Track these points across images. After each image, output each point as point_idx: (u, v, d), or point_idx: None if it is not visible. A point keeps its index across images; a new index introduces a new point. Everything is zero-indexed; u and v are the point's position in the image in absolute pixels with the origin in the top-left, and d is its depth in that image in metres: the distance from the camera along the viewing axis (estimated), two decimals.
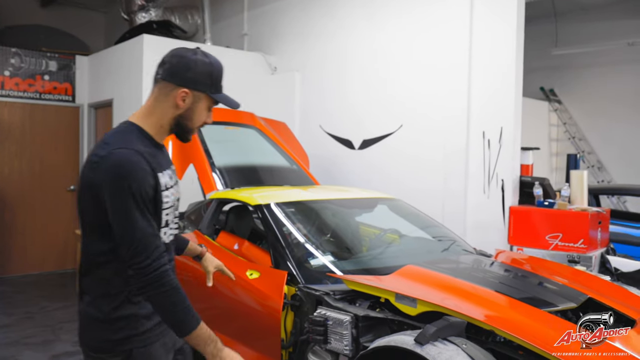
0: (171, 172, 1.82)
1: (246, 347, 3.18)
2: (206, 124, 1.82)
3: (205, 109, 1.79)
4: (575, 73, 9.14)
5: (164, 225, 1.73)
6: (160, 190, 1.69)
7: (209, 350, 1.66)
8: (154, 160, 1.68)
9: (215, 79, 1.79)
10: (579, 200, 4.47)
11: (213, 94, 1.78)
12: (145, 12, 6.95)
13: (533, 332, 2.22)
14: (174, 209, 1.79)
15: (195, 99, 1.76)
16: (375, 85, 5.62)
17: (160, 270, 1.61)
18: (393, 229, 3.93)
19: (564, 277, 3.05)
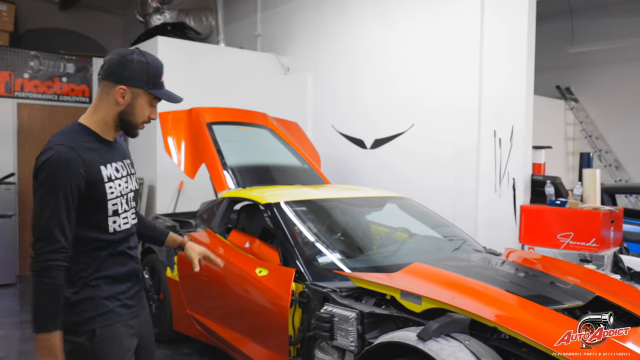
0: (122, 165, 1.90)
1: (256, 343, 3.23)
2: (151, 119, 1.91)
3: (146, 104, 1.88)
4: (591, 71, 9.04)
5: (111, 215, 1.82)
6: (101, 182, 1.79)
7: (43, 348, 1.67)
8: (94, 154, 1.79)
9: (153, 76, 1.87)
10: (592, 199, 4.44)
11: (150, 89, 1.86)
12: (160, 15, 7.04)
13: (537, 330, 2.23)
14: (125, 199, 1.88)
15: (134, 95, 1.85)
16: (387, 85, 5.64)
17: (47, 264, 1.67)
18: (403, 228, 3.94)
19: (574, 277, 3.04)
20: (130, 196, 1.92)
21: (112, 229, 1.84)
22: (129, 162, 1.98)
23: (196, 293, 3.87)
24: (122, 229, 1.87)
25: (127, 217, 1.90)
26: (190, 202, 5.72)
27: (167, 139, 4.70)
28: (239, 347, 3.37)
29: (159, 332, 4.40)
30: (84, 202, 1.76)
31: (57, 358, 1.68)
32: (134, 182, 1.96)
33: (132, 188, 1.94)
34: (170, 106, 5.30)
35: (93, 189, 1.77)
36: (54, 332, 1.68)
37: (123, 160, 1.93)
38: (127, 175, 1.91)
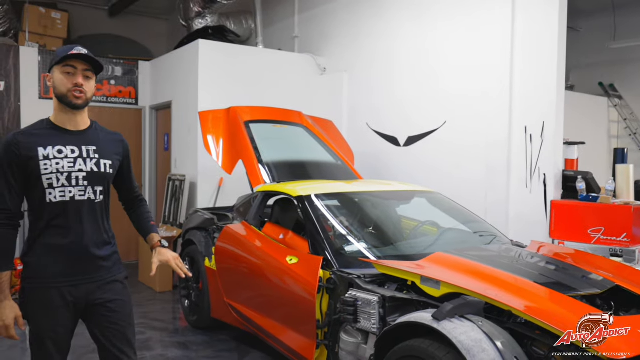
0: (76, 149, 2.20)
1: (287, 328, 3.41)
2: (76, 85, 2.16)
3: (61, 75, 2.17)
4: (635, 67, 8.82)
5: (47, 187, 2.14)
6: (34, 158, 2.12)
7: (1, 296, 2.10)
8: (35, 138, 2.16)
9: (58, 55, 2.18)
10: (625, 194, 4.41)
11: (58, 63, 2.17)
12: (201, 19, 7.34)
13: (551, 314, 2.31)
14: (66, 177, 2.16)
15: (52, 75, 2.20)
16: (420, 83, 5.73)
17: None
18: (431, 221, 4.04)
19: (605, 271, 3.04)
20: (77, 175, 2.18)
21: (48, 199, 2.15)
22: (95, 149, 2.25)
23: (233, 282, 4.08)
24: (58, 201, 2.15)
25: (64, 191, 2.16)
26: (229, 198, 5.96)
27: (206, 137, 4.95)
28: (273, 333, 3.56)
29: (198, 319, 4.64)
30: (26, 175, 2.14)
31: (2, 291, 2.11)
32: (91, 164, 2.22)
33: (85, 169, 2.20)
34: (211, 106, 5.55)
35: (28, 164, 2.13)
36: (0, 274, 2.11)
37: (82, 146, 2.22)
38: (78, 157, 2.20)
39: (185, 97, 6.44)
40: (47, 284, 2.16)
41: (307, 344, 3.16)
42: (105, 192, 2.28)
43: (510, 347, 2.17)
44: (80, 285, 2.20)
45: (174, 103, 6.77)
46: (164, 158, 7.29)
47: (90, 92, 2.22)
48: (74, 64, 2.17)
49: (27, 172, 2.14)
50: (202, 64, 6.15)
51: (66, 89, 2.16)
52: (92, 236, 2.22)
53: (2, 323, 2.11)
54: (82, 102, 2.19)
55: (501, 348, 2.13)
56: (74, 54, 2.16)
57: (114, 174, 2.33)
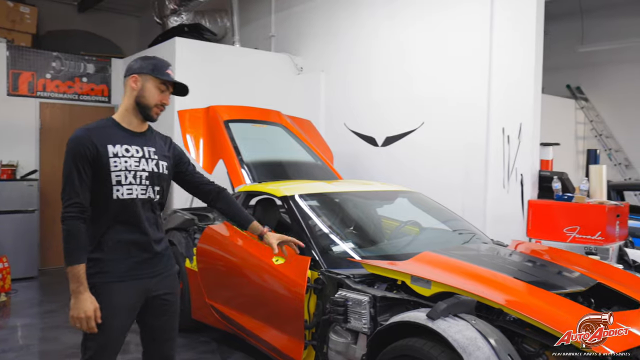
0: (139, 149, 2.27)
1: (273, 329, 3.39)
2: (164, 103, 2.30)
3: (155, 88, 2.26)
4: (602, 70, 9.10)
5: (115, 184, 2.20)
6: (105, 155, 2.18)
7: (72, 287, 2.12)
8: (105, 136, 2.21)
9: (158, 67, 2.29)
10: (598, 194, 4.54)
11: (157, 74, 2.26)
12: (177, 16, 7.24)
13: (540, 312, 2.36)
14: (133, 175, 2.23)
15: (144, 80, 2.26)
16: (398, 84, 5.78)
17: (64, 215, 2.14)
18: (413, 221, 4.08)
19: (580, 267, 3.15)
20: (141, 174, 2.26)
21: (115, 195, 2.20)
22: (155, 150, 2.33)
23: (215, 283, 4.04)
24: (126, 198, 2.22)
25: (131, 189, 2.23)
26: None
27: (185, 136, 4.88)
28: (257, 333, 3.54)
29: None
30: (95, 171, 2.18)
31: (81, 283, 2.11)
32: (152, 165, 2.30)
33: (147, 169, 2.28)
34: (189, 105, 5.48)
35: (99, 160, 2.18)
36: (76, 266, 2.11)
37: (144, 147, 2.30)
38: (142, 157, 2.28)
39: None
40: (118, 279, 2.20)
41: (294, 345, 3.15)
42: (162, 192, 2.36)
43: (503, 344, 2.21)
44: (145, 279, 2.28)
45: None
46: None
47: None
48: (168, 85, 2.30)
49: (96, 167, 2.18)
50: (179, 62, 6.06)
51: (154, 103, 2.27)
52: (152, 233, 2.30)
53: (84, 315, 2.11)
54: (157, 119, 2.33)
55: (495, 346, 2.17)
56: (173, 80, 2.29)
57: (170, 175, 2.41)
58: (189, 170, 2.54)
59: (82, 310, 2.10)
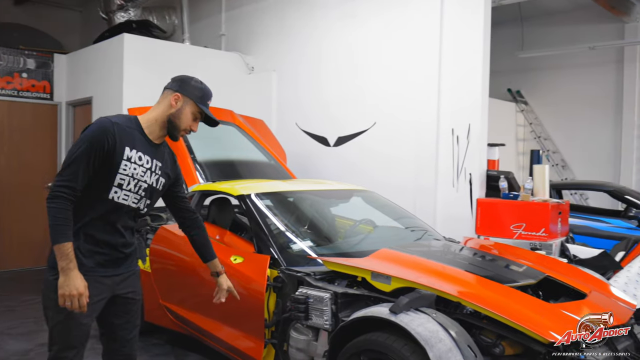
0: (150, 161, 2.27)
1: (232, 328, 3.36)
2: (192, 130, 2.34)
3: (191, 114, 2.30)
4: (540, 75, 9.54)
5: (116, 185, 2.18)
6: (120, 155, 2.15)
7: (61, 265, 2.06)
8: (127, 136, 2.19)
9: (204, 96, 2.34)
10: (541, 193, 4.77)
11: (199, 103, 2.30)
12: (124, 12, 7.04)
13: (495, 304, 2.46)
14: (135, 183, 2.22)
15: (185, 102, 2.30)
16: (350, 84, 5.85)
17: (54, 193, 2.08)
18: (367, 220, 4.14)
19: (524, 259, 3.31)
20: (141, 185, 2.26)
21: (111, 196, 2.19)
22: (161, 165, 2.33)
23: (170, 284, 3.96)
24: (120, 202, 2.21)
25: (128, 195, 2.23)
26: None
27: None
28: (214, 333, 3.49)
29: None
30: (103, 165, 2.13)
31: (70, 260, 2.07)
32: (153, 179, 2.30)
33: (148, 182, 2.28)
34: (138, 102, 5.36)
35: (112, 157, 2.14)
36: (64, 243, 2.06)
37: (154, 160, 2.29)
38: (149, 169, 2.27)
39: (109, 93, 6.14)
40: (85, 273, 2.14)
41: (254, 344, 3.14)
42: (150, 205, 2.37)
43: (463, 336, 2.29)
44: (110, 277, 2.26)
45: (95, 99, 6.44)
46: None
47: None
48: (203, 114, 2.33)
49: (106, 163, 2.15)
50: (127, 59, 5.90)
51: (184, 127, 2.30)
52: (128, 237, 2.32)
53: (76, 291, 2.06)
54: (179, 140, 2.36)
55: (456, 337, 2.24)
56: (211, 118, 2.34)
57: (162, 192, 2.42)
58: (180, 193, 2.54)
59: (73, 287, 2.05)
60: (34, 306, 5.29)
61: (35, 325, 4.71)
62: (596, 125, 8.92)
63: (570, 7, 8.75)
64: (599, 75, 8.87)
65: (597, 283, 3.12)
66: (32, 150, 6.98)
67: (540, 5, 8.56)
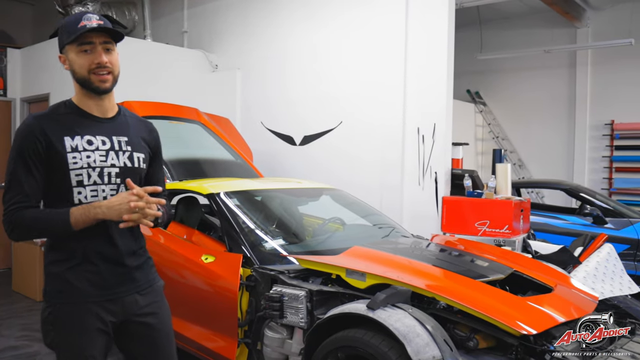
0: (107, 140, 1.90)
1: (203, 328, 3.31)
2: (100, 64, 1.84)
3: (77, 54, 1.85)
4: (498, 77, 9.82)
5: (75, 185, 1.83)
6: (61, 150, 1.81)
7: (92, 215, 1.78)
8: (60, 125, 1.84)
9: (68, 28, 1.85)
10: (504, 191, 4.89)
11: (72, 36, 1.82)
12: (82, 6, 6.82)
13: (469, 298, 2.51)
14: (98, 172, 1.86)
15: (66, 55, 1.88)
16: (315, 83, 5.86)
17: (7, 217, 1.79)
18: (336, 218, 4.16)
19: (491, 255, 3.40)
20: (109, 171, 1.88)
21: (77, 199, 1.83)
22: (127, 139, 1.95)
23: None
24: (90, 202, 1.84)
25: (96, 190, 1.86)
26: None
27: None
28: (184, 334, 3.42)
29: None
30: (49, 170, 1.82)
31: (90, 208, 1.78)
32: (124, 158, 1.92)
33: (117, 164, 1.90)
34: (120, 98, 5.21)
35: (54, 157, 1.81)
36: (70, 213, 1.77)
37: (112, 136, 1.92)
38: (110, 150, 1.89)
39: (67, 90, 5.89)
40: (79, 301, 1.84)
41: (227, 344, 3.10)
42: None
43: (439, 330, 2.33)
44: (117, 299, 1.90)
45: (52, 95, 6.23)
46: None
47: (116, 68, 1.90)
48: (91, 39, 1.83)
49: (51, 165, 1.81)
50: None
51: (87, 71, 1.84)
52: (123, 244, 1.92)
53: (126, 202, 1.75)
54: (110, 85, 1.88)
55: (432, 332, 2.28)
56: (88, 29, 1.80)
57: (146, 169, 2.01)
58: (155, 170, 2.10)
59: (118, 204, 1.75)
60: None
61: None
62: (551, 126, 9.24)
63: (526, 11, 9.03)
64: (553, 77, 9.20)
65: (560, 277, 3.22)
66: None
67: (499, 9, 8.80)
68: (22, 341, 4.25)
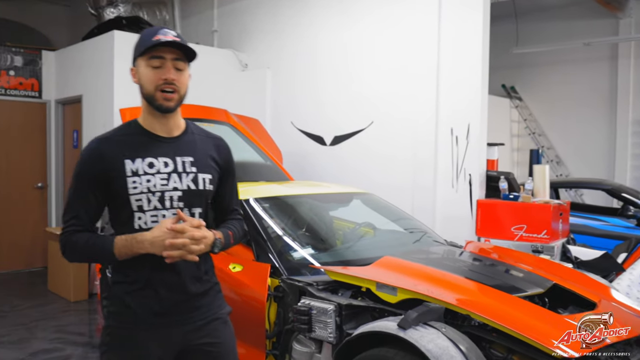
0: (170, 161, 1.82)
1: None
2: (167, 80, 1.77)
3: (146, 69, 1.79)
4: (535, 71, 9.50)
5: (136, 210, 1.77)
6: (121, 173, 1.76)
7: (135, 250, 1.73)
8: (121, 148, 1.79)
9: (142, 42, 1.81)
10: (542, 193, 4.71)
11: (143, 49, 1.78)
12: (113, 8, 6.88)
13: (505, 316, 2.39)
14: (158, 197, 1.78)
15: (138, 68, 1.83)
16: (346, 82, 5.76)
17: (65, 236, 1.77)
18: (367, 223, 4.07)
19: (528, 265, 3.25)
20: (171, 195, 1.80)
21: (137, 225, 1.77)
22: (192, 160, 1.85)
23: None
24: (150, 227, 1.76)
25: (157, 215, 1.78)
26: None
27: None
28: None
29: None
30: (109, 194, 1.79)
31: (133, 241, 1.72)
32: (187, 180, 1.82)
33: (180, 187, 1.81)
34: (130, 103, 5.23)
35: (114, 181, 1.77)
36: (114, 244, 1.73)
37: (176, 157, 1.83)
38: (171, 172, 1.81)
39: (100, 91, 6.01)
40: (142, 325, 1.79)
41: (255, 355, 3.04)
42: (204, 214, 1.87)
43: (474, 351, 2.22)
44: (176, 327, 1.82)
45: (84, 97, 6.30)
46: (72, 156, 6.77)
47: (184, 88, 1.83)
48: (162, 54, 1.77)
49: (111, 189, 1.76)
50: (118, 56, 5.77)
51: (155, 87, 1.78)
52: (187, 270, 1.82)
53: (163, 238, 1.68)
54: (173, 104, 1.80)
55: (467, 353, 2.17)
56: (161, 42, 1.74)
57: (214, 190, 1.90)
58: (226, 190, 1.98)
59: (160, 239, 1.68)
60: (25, 312, 5.18)
61: (26, 332, 4.60)
62: (590, 122, 8.90)
63: (565, 2, 8.70)
64: (594, 71, 8.85)
65: (603, 290, 3.06)
66: (20, 150, 6.84)
67: (535, 1, 8.50)
68: (55, 344, 4.30)
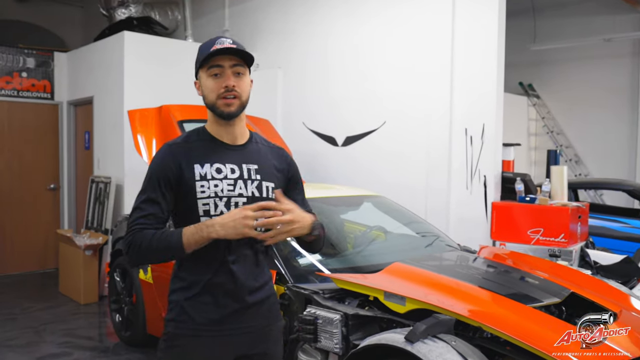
0: (236, 168, 1.84)
1: None
2: (227, 87, 1.79)
3: (207, 79, 1.83)
4: (553, 68, 9.28)
5: (202, 214, 1.78)
6: (191, 178, 1.79)
7: (206, 234, 1.70)
8: (192, 152, 1.83)
9: (201, 54, 1.85)
10: (559, 196, 4.56)
11: (203, 60, 1.82)
12: (124, 8, 6.86)
13: (519, 328, 2.28)
14: (224, 203, 1.80)
15: (201, 80, 1.86)
16: (358, 82, 5.65)
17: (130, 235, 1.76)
18: (378, 226, 3.97)
19: (544, 272, 3.13)
20: (236, 201, 1.81)
21: None
22: (257, 168, 1.87)
23: None
24: None
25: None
26: None
27: (136, 137, 4.61)
28: None
29: (132, 335, 4.32)
30: (179, 198, 1.81)
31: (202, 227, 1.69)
32: (252, 187, 1.84)
33: (245, 193, 1.82)
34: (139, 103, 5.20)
35: (184, 184, 1.79)
36: (182, 234, 1.70)
37: (242, 164, 1.85)
38: (238, 179, 1.83)
39: (110, 92, 5.98)
40: (192, 333, 1.80)
41: None
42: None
43: None
44: (230, 337, 1.82)
45: (96, 99, 6.29)
46: (84, 157, 6.77)
47: (245, 93, 1.85)
48: (220, 62, 1.80)
49: (181, 193, 1.79)
50: (128, 57, 5.74)
51: (216, 95, 1.80)
52: (245, 278, 1.83)
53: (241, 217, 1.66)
54: (235, 109, 1.81)
55: None
56: (216, 50, 1.77)
57: None
58: (297, 200, 1.96)
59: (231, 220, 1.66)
60: (35, 314, 5.16)
61: (35, 335, 4.58)
62: (611, 120, 8.66)
63: None
64: (614, 68, 8.61)
65: (624, 299, 2.93)
66: (33, 151, 6.85)
67: None
68: (63, 348, 4.28)
